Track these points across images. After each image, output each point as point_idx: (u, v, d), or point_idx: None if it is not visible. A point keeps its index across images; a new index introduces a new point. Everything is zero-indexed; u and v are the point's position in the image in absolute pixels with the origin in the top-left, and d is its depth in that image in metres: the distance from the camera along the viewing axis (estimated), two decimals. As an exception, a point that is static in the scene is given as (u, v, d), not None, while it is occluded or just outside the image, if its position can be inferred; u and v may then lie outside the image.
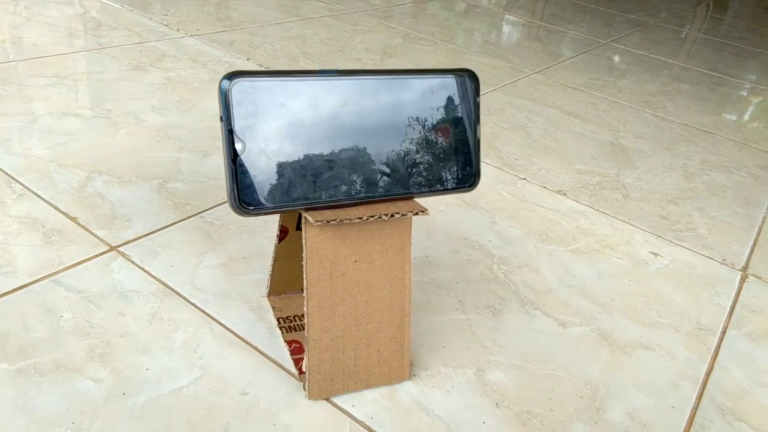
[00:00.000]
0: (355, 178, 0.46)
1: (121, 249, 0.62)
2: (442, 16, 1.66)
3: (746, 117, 1.31)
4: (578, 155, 1.00)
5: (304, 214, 0.45)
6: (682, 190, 0.94)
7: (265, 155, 0.43)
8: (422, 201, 0.76)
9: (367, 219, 0.46)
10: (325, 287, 0.48)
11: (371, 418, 0.49)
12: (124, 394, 0.47)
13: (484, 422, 0.50)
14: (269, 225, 0.69)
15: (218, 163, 0.79)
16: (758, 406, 0.56)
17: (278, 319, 0.56)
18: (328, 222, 0.44)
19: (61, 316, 0.53)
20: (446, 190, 0.50)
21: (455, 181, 0.50)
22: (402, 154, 0.47)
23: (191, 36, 1.20)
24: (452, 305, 0.62)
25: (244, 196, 0.43)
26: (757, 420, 0.55)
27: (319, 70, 0.45)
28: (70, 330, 0.51)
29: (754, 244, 0.83)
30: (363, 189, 0.46)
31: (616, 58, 1.55)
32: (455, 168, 0.50)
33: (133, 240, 0.63)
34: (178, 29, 1.22)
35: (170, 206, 0.69)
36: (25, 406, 0.45)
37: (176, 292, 0.57)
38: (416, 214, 0.47)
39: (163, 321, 0.54)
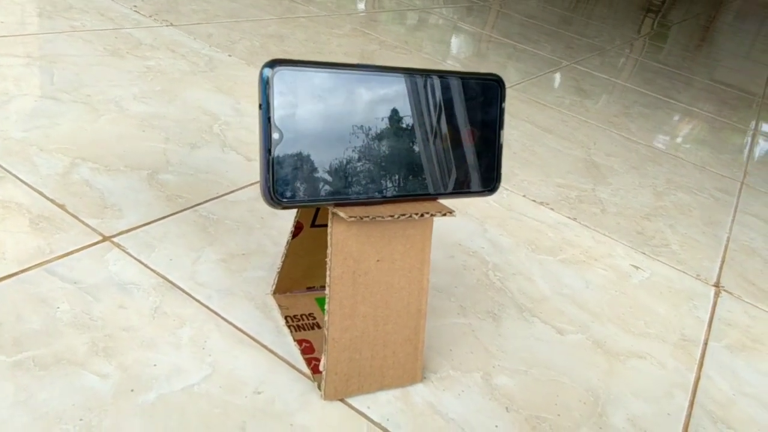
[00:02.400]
0: (384, 175, 0.45)
1: (115, 240, 0.59)
2: (406, 26, 1.67)
3: (700, 142, 1.39)
4: (556, 169, 1.02)
5: (334, 210, 0.44)
6: (654, 207, 0.98)
7: (301, 147, 0.42)
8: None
9: (398, 217, 0.45)
10: (348, 286, 0.47)
11: (387, 420, 0.48)
12: (132, 390, 0.44)
13: (496, 426, 0.50)
14: (266, 221, 0.67)
15: (207, 156, 0.77)
16: (744, 415, 0.59)
17: (286, 318, 0.55)
18: (361, 218, 0.44)
19: (58, 308, 0.49)
20: (468, 193, 0.50)
21: (478, 184, 0.50)
22: (430, 154, 0.47)
23: (167, 26, 1.16)
24: (454, 309, 0.62)
25: (278, 187, 0.42)
26: (744, 428, 0.57)
27: (357, 63, 0.44)
28: (68, 322, 0.48)
29: (723, 262, 0.87)
30: (391, 187, 0.46)
31: (580, 80, 1.60)
32: (479, 171, 0.50)
33: (127, 231, 0.60)
34: (153, 18, 1.18)
35: (162, 198, 0.66)
36: (27, 401, 0.42)
37: (178, 287, 0.55)
38: (444, 215, 0.47)
39: (167, 316, 0.52)
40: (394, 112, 0.45)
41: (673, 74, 1.98)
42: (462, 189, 0.50)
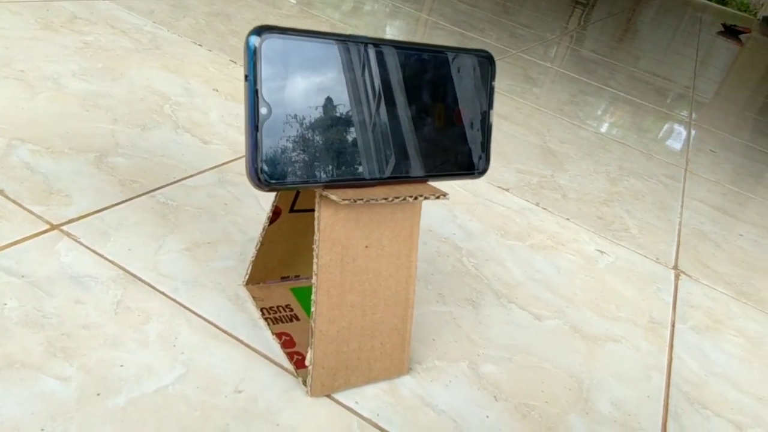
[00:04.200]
0: (375, 156, 0.42)
1: (64, 228, 0.53)
2: (351, 12, 1.64)
3: (644, 130, 1.43)
4: (515, 156, 1.02)
5: (326, 192, 0.41)
6: (610, 193, 1.00)
7: (291, 123, 0.38)
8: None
9: (392, 200, 0.42)
10: (335, 274, 0.44)
11: (378, 414, 0.45)
12: (99, 394, 0.40)
13: (487, 416, 0.48)
14: (230, 208, 0.63)
15: (161, 138, 0.71)
16: (716, 395, 0.60)
17: (261, 310, 0.51)
18: (354, 201, 0.40)
19: (5, 304, 0.44)
20: (458, 175, 0.48)
21: (467, 165, 0.48)
22: (421, 134, 0.45)
23: (103, 0, 1.08)
24: (433, 297, 0.60)
25: (265, 167, 0.38)
26: (719, 407, 0.58)
27: (350, 35, 0.41)
28: (18, 320, 0.43)
29: (678, 245, 0.89)
30: (381, 168, 0.43)
31: (528, 68, 1.62)
32: (469, 152, 0.48)
33: (78, 219, 0.54)
34: (88, -9, 1.09)
35: (114, 183, 0.61)
36: (-23, 412, 0.36)
37: (140, 279, 0.50)
38: (438, 197, 0.45)
39: (130, 311, 0.47)
40: (386, 87, 0.42)
41: (611, 65, 2.03)
42: (452, 171, 0.47)
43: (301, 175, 0.39)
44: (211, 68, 0.95)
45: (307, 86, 0.39)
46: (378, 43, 0.42)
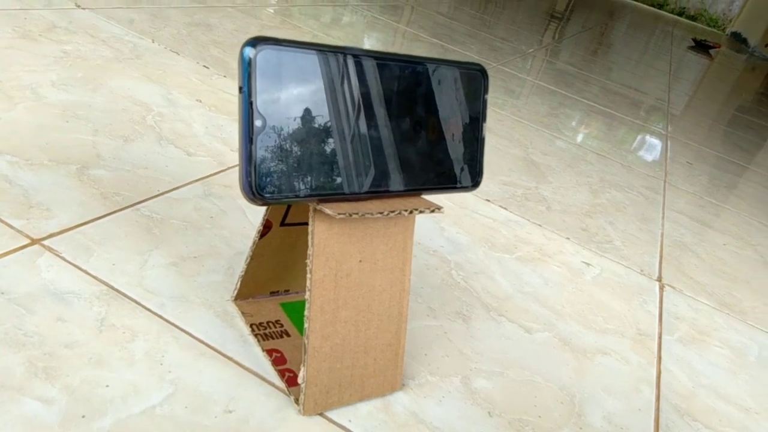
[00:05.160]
0: (369, 169, 0.42)
1: (45, 243, 0.51)
2: (336, 21, 1.64)
3: (622, 142, 1.45)
4: (499, 167, 1.02)
5: (320, 206, 0.40)
6: (593, 205, 1.00)
7: (286, 137, 0.38)
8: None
9: (388, 214, 0.42)
10: (329, 289, 0.43)
11: (372, 433, 0.44)
12: (84, 416, 0.38)
13: (481, 432, 0.48)
14: (216, 221, 0.62)
15: (144, 150, 0.70)
16: (705, 406, 0.60)
17: (251, 326, 0.50)
18: (350, 215, 0.40)
19: (-16, 323, 0.42)
20: (452, 188, 0.47)
21: (461, 178, 0.48)
22: (415, 147, 0.44)
23: (83, 8, 1.06)
24: (423, 311, 0.60)
25: (260, 181, 0.37)
26: (708, 419, 0.59)
27: (344, 46, 0.40)
28: (-2, 340, 0.41)
29: (661, 257, 0.90)
30: (376, 182, 0.42)
31: (508, 81, 1.63)
32: (462, 165, 0.47)
33: (59, 233, 0.53)
34: None
35: (97, 196, 0.59)
36: (-44, 438, 0.35)
37: (124, 295, 0.49)
38: (432, 211, 0.44)
39: (115, 328, 0.45)
40: (382, 100, 0.42)
41: (587, 78, 2.06)
42: (445, 184, 0.47)
43: (296, 189, 0.39)
44: (194, 78, 0.94)
45: (303, 99, 0.38)
46: (374, 56, 0.41)
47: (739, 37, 6.30)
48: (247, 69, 0.36)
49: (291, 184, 0.38)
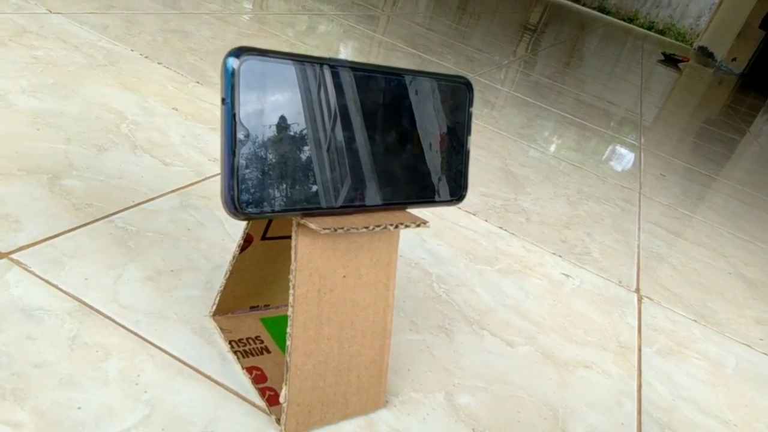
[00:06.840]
0: (355, 183, 0.41)
1: (14, 256, 0.49)
2: (311, 32, 1.63)
3: (598, 153, 1.46)
4: (478, 179, 1.02)
5: (304, 221, 0.39)
6: (571, 216, 1.01)
7: (269, 149, 0.37)
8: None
9: (373, 228, 0.41)
10: (312, 305, 0.42)
11: (355, 453, 0.43)
12: (54, 441, 0.37)
13: (466, 450, 0.47)
14: (193, 233, 0.60)
15: (118, 159, 0.68)
16: (685, 419, 0.60)
17: (230, 343, 0.48)
18: (335, 230, 0.39)
19: (-52, 342, 0.40)
20: (436, 202, 0.47)
21: (446, 192, 0.47)
22: (400, 161, 0.43)
23: (55, 13, 1.03)
24: (405, 325, 0.59)
25: (243, 195, 0.36)
26: (688, 432, 0.59)
27: (329, 57, 0.39)
28: (-37, 360, 0.39)
29: (638, 268, 0.91)
30: (361, 196, 0.41)
31: (486, 92, 1.64)
32: (447, 179, 0.47)
33: (29, 246, 0.51)
34: (37, 3, 1.05)
35: (69, 207, 0.57)
36: None
37: (98, 311, 0.47)
38: (418, 225, 0.44)
39: (87, 347, 0.44)
40: (368, 112, 0.41)
41: (562, 89, 2.08)
42: (430, 197, 0.46)
43: (279, 203, 0.37)
44: (170, 86, 0.92)
45: (287, 110, 0.37)
46: (359, 68, 0.41)
47: (706, 51, 6.46)
48: (230, 80, 0.35)
49: (274, 197, 0.37)
